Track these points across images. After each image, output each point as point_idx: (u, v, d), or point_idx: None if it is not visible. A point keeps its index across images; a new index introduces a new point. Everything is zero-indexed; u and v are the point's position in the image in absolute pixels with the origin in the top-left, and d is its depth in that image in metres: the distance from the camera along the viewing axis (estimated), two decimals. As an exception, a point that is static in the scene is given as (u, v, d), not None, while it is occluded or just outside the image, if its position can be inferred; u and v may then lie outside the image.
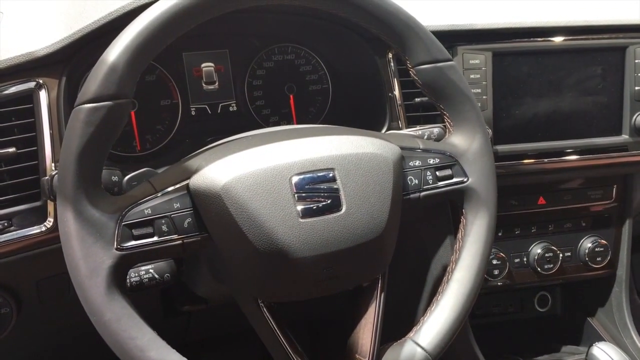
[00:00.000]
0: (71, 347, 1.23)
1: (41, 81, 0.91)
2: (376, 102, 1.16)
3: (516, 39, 1.17)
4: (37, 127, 0.91)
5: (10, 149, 0.89)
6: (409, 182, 0.86)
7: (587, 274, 1.35)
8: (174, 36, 0.73)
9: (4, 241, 0.89)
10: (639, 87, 1.21)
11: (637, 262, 1.42)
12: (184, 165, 0.78)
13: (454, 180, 0.88)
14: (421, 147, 0.89)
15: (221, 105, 1.19)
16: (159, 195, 0.74)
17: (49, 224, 0.91)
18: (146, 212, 0.73)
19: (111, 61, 0.70)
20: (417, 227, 1.21)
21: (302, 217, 0.75)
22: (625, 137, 1.23)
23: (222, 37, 1.18)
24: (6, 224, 0.89)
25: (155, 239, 0.73)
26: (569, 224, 1.33)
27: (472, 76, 1.14)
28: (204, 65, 1.16)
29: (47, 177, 0.82)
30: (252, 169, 0.75)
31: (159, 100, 1.14)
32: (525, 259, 1.32)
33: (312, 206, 0.75)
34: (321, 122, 1.24)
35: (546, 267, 1.30)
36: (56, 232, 0.89)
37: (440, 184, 0.88)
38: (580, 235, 1.34)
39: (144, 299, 0.74)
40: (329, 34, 1.19)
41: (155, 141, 1.14)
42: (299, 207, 0.75)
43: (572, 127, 1.22)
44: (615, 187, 1.33)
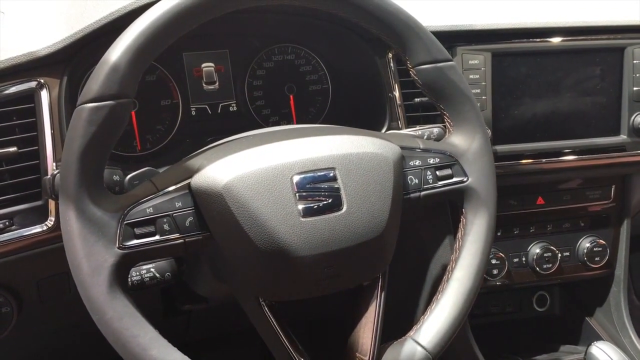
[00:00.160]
0: (71, 346, 1.23)
1: (42, 81, 0.91)
2: (376, 102, 1.16)
3: (515, 39, 1.17)
4: (38, 126, 0.91)
5: (11, 149, 0.89)
6: (409, 182, 0.86)
7: (586, 273, 1.36)
8: (176, 36, 0.73)
9: (5, 240, 0.89)
10: (637, 88, 1.22)
11: (634, 262, 1.42)
12: (186, 164, 0.79)
13: (454, 179, 0.89)
14: (421, 146, 0.89)
15: (221, 105, 1.19)
16: (160, 194, 0.75)
17: (50, 223, 0.91)
18: (148, 211, 0.73)
19: (113, 61, 0.70)
20: (417, 226, 1.21)
21: (303, 216, 0.75)
22: (623, 137, 1.24)
23: (223, 37, 1.18)
24: (7, 223, 0.90)
25: (157, 237, 0.73)
26: (567, 224, 1.33)
27: (472, 76, 1.14)
28: (204, 65, 1.16)
29: (48, 177, 0.82)
30: (253, 168, 0.75)
31: (160, 100, 1.15)
32: (524, 259, 1.32)
33: (313, 205, 0.76)
34: (321, 122, 1.25)
35: (545, 266, 1.31)
36: (57, 232, 0.90)
37: (440, 183, 0.88)
38: (578, 235, 1.34)
39: (144, 298, 0.74)
40: (329, 35, 1.19)
41: (155, 141, 1.14)
42: (300, 206, 0.75)
43: (571, 128, 1.22)
44: (613, 187, 1.34)
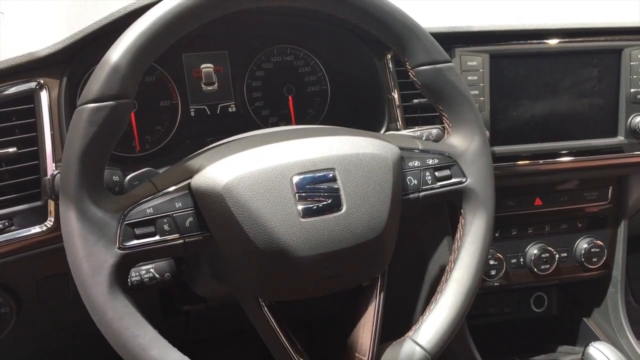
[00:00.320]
0: (71, 346, 1.23)
1: (42, 81, 0.91)
2: (374, 104, 1.16)
3: (513, 41, 1.18)
4: (38, 127, 0.91)
5: (11, 149, 0.89)
6: (409, 183, 0.87)
7: (583, 274, 1.36)
8: (176, 37, 0.74)
9: (5, 241, 0.90)
10: (634, 89, 1.22)
11: (631, 263, 1.43)
12: (186, 165, 0.79)
13: (453, 180, 0.89)
14: (420, 147, 0.89)
15: (220, 106, 1.19)
16: (160, 194, 0.75)
17: (50, 223, 0.91)
18: (148, 211, 0.73)
19: (114, 61, 0.70)
20: (416, 227, 1.21)
21: (302, 217, 0.75)
22: (620, 138, 1.24)
23: (222, 39, 1.18)
24: (7, 224, 0.90)
25: (157, 238, 0.73)
26: (565, 224, 1.34)
27: (470, 78, 1.14)
28: (203, 66, 1.16)
29: (48, 177, 0.82)
30: (253, 169, 0.75)
31: (159, 101, 1.15)
32: (521, 260, 1.32)
33: (312, 206, 0.76)
34: (320, 123, 1.25)
35: (542, 267, 1.31)
36: (56, 232, 0.90)
37: (439, 184, 0.88)
38: (576, 236, 1.35)
39: (143, 299, 0.74)
40: (328, 36, 1.19)
41: (154, 142, 1.14)
42: (300, 207, 0.75)
43: (569, 129, 1.22)
44: (610, 188, 1.34)
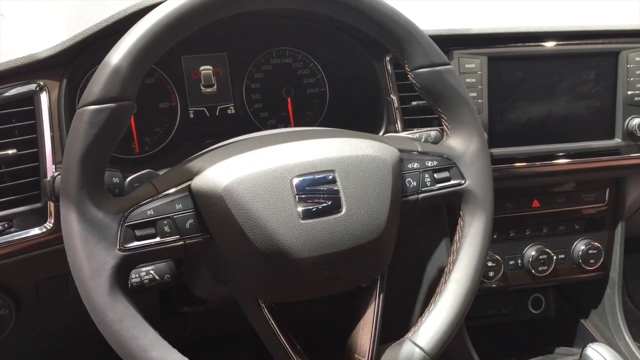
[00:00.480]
0: (70, 347, 1.23)
1: (42, 83, 0.91)
2: (373, 106, 1.16)
3: (511, 43, 1.18)
4: (38, 128, 0.91)
5: (10, 151, 0.89)
6: (408, 184, 0.87)
7: (581, 276, 1.37)
8: (177, 39, 0.74)
9: (4, 242, 0.89)
10: (631, 92, 1.23)
11: (628, 265, 1.43)
12: (186, 166, 0.79)
13: (452, 182, 0.89)
14: (419, 149, 0.90)
15: (219, 108, 1.19)
16: (161, 196, 0.75)
17: (49, 225, 0.91)
18: (148, 213, 0.73)
19: (114, 63, 0.70)
20: (414, 229, 1.22)
21: (302, 219, 0.76)
22: (617, 140, 1.24)
23: (221, 41, 1.18)
24: (6, 225, 0.90)
25: (157, 239, 0.74)
26: (562, 226, 1.34)
27: (468, 80, 1.15)
28: (202, 68, 1.16)
29: (48, 179, 0.82)
30: (253, 171, 0.75)
31: (158, 102, 1.15)
32: (519, 261, 1.33)
33: (312, 207, 0.76)
34: (318, 125, 1.25)
35: (540, 269, 1.32)
36: (56, 234, 0.90)
37: (438, 186, 0.89)
38: (573, 237, 1.35)
39: (142, 300, 0.74)
40: (327, 38, 1.20)
41: (153, 143, 1.15)
42: (300, 209, 0.76)
43: (566, 131, 1.23)
44: (607, 190, 1.35)
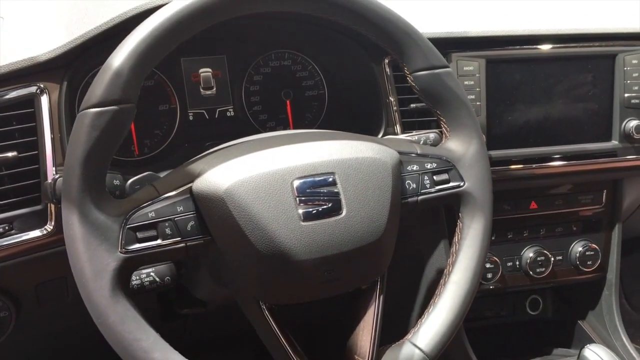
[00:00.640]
0: (70, 349, 1.23)
1: (42, 85, 0.91)
2: (372, 108, 1.17)
3: (509, 46, 1.19)
4: (38, 131, 0.91)
5: (11, 153, 0.90)
6: (407, 186, 0.87)
7: (578, 277, 1.37)
8: (178, 42, 0.74)
9: (5, 245, 0.89)
10: (628, 94, 1.24)
11: (624, 266, 1.44)
12: (187, 169, 0.79)
13: (451, 184, 0.90)
14: (418, 152, 0.90)
15: (219, 110, 1.20)
16: (162, 198, 0.75)
17: (50, 227, 0.91)
18: (150, 215, 0.74)
19: (116, 66, 0.71)
20: (413, 231, 1.22)
21: (303, 221, 0.76)
22: (614, 143, 1.25)
23: (220, 43, 1.19)
24: (7, 228, 0.90)
25: (158, 241, 0.74)
26: (560, 228, 1.35)
27: (466, 82, 1.15)
28: (201, 70, 1.17)
29: (49, 181, 0.82)
30: (254, 173, 0.76)
31: (157, 105, 1.15)
32: (517, 263, 1.33)
33: (313, 209, 0.77)
34: (317, 127, 1.25)
35: (538, 270, 1.32)
36: (56, 236, 0.91)
37: (437, 188, 0.89)
38: (571, 239, 1.36)
39: (141, 302, 0.74)
40: (326, 41, 1.20)
41: (153, 146, 1.15)
42: (301, 211, 0.76)
43: (564, 133, 1.24)
44: (605, 192, 1.35)
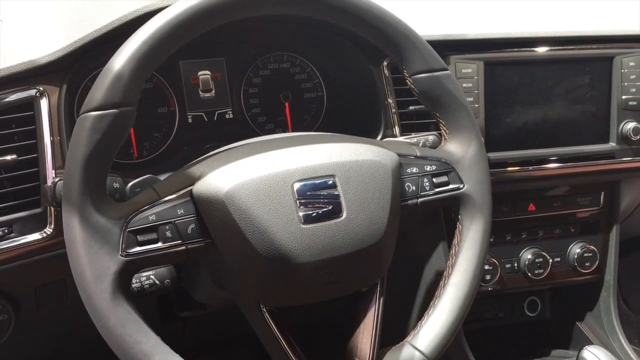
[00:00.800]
0: (69, 352, 1.23)
1: (42, 89, 0.91)
2: (371, 110, 1.17)
3: (507, 48, 1.19)
4: (38, 134, 0.91)
5: (10, 156, 0.89)
6: (407, 189, 0.88)
7: (576, 278, 1.38)
8: (178, 45, 0.74)
9: (4, 248, 0.89)
10: (625, 96, 1.24)
11: (620, 267, 1.44)
12: (187, 172, 0.79)
13: (450, 186, 0.90)
14: (418, 154, 0.90)
15: (217, 112, 1.20)
16: (162, 201, 0.75)
17: (49, 230, 0.91)
18: (150, 218, 0.74)
19: (117, 69, 0.71)
20: (412, 233, 1.22)
21: (304, 223, 0.76)
22: (612, 144, 1.26)
23: (219, 46, 1.19)
24: (6, 231, 0.90)
25: (159, 244, 0.74)
26: (558, 229, 1.35)
27: (465, 85, 1.15)
28: (200, 73, 1.16)
29: (49, 184, 0.82)
30: (254, 176, 0.76)
31: (156, 107, 1.15)
32: (516, 265, 1.34)
33: (313, 212, 0.77)
34: (316, 130, 1.26)
35: (536, 272, 1.32)
36: (56, 239, 0.90)
37: (436, 190, 0.89)
38: (569, 240, 1.36)
39: (140, 305, 0.74)
40: (324, 43, 1.20)
41: (152, 148, 1.15)
42: (301, 213, 0.76)
43: (561, 135, 1.24)
44: (602, 193, 1.36)
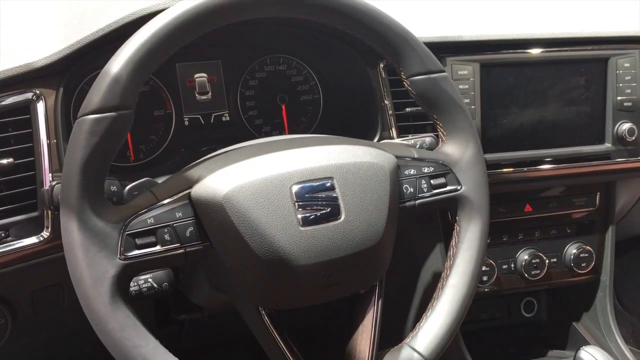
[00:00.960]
0: (67, 356, 1.22)
1: (38, 92, 0.91)
2: (367, 112, 1.17)
3: (503, 50, 1.19)
4: (35, 137, 0.91)
5: (7, 160, 0.89)
6: (405, 191, 0.88)
7: (573, 279, 1.38)
8: (176, 48, 0.74)
9: (1, 252, 0.89)
10: (620, 97, 1.25)
11: (615, 267, 1.44)
12: (185, 174, 0.79)
13: (448, 188, 0.90)
14: (415, 156, 0.91)
15: (214, 115, 1.20)
16: (161, 204, 0.75)
17: (46, 234, 0.91)
18: (149, 221, 0.74)
19: (114, 72, 0.70)
20: (408, 234, 1.23)
21: (302, 226, 0.76)
22: (608, 145, 1.26)
23: (215, 48, 1.19)
24: (3, 235, 0.89)
25: (158, 248, 0.74)
26: (554, 230, 1.36)
27: (461, 86, 1.16)
28: (197, 75, 1.17)
29: (46, 188, 0.82)
30: (253, 178, 0.76)
31: (153, 110, 1.15)
32: (512, 265, 1.34)
33: (312, 214, 0.77)
34: (313, 132, 1.26)
35: (533, 273, 1.33)
36: (53, 243, 0.90)
37: (434, 192, 0.90)
38: (565, 241, 1.37)
39: (137, 308, 0.74)
40: (320, 45, 1.20)
41: (149, 151, 1.15)
42: (300, 216, 0.76)
43: (557, 136, 1.24)
44: (598, 194, 1.36)
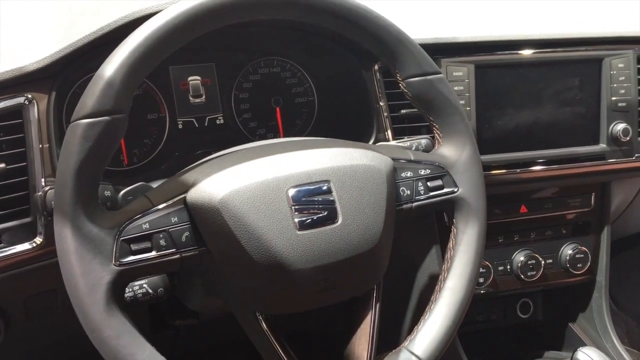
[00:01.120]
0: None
1: (30, 96, 0.90)
2: (362, 114, 1.17)
3: (498, 51, 1.19)
4: (27, 142, 0.90)
5: None
6: (402, 193, 0.87)
7: (568, 280, 1.38)
8: (171, 51, 0.74)
9: (-7, 258, 0.88)
10: (615, 98, 1.25)
11: (610, 266, 1.45)
12: (181, 179, 0.78)
13: (445, 190, 0.90)
14: (412, 158, 0.90)
15: (208, 118, 1.19)
16: (156, 209, 0.74)
17: (39, 240, 0.89)
18: (144, 226, 0.73)
19: (108, 76, 0.69)
20: (405, 237, 1.22)
21: (299, 229, 0.75)
22: (602, 146, 1.26)
23: (209, 51, 1.18)
24: (-5, 241, 0.88)
25: (153, 253, 0.73)
26: (550, 231, 1.36)
27: (456, 88, 1.15)
28: (190, 78, 1.16)
29: (40, 193, 0.81)
30: (249, 182, 0.75)
31: (146, 113, 1.14)
32: (508, 267, 1.34)
33: (309, 218, 0.76)
34: (307, 135, 1.25)
35: (529, 274, 1.33)
36: (46, 249, 0.89)
37: (431, 194, 0.89)
38: (561, 242, 1.37)
39: (132, 314, 0.73)
40: (314, 47, 1.20)
41: (142, 155, 1.14)
42: (296, 220, 0.75)
43: (552, 137, 1.24)
44: (593, 195, 1.37)
